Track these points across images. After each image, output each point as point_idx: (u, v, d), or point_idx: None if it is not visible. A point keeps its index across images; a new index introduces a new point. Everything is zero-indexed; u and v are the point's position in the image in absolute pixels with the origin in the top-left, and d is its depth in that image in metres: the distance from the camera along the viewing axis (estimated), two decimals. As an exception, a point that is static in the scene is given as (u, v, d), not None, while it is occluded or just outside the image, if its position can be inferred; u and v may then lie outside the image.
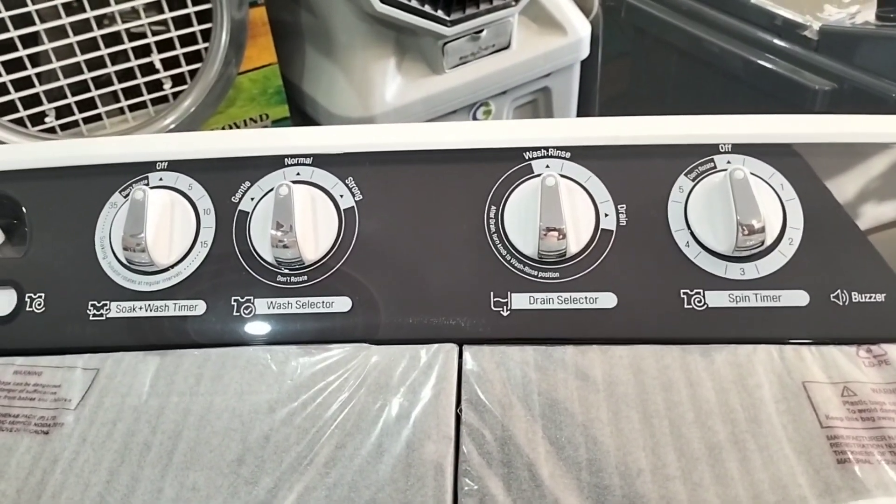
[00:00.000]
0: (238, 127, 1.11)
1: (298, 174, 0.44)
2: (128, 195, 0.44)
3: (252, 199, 0.44)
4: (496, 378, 0.39)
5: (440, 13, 1.04)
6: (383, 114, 1.11)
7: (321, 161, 0.45)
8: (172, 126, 0.94)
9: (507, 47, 1.16)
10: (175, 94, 0.94)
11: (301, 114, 1.21)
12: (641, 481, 0.35)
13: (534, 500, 0.34)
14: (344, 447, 0.37)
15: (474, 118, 1.20)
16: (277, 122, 1.16)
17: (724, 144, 0.43)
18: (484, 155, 0.45)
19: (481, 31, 1.11)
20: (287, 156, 0.45)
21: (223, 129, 1.08)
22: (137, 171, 0.46)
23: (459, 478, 0.36)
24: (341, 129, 0.46)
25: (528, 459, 0.36)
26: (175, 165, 0.46)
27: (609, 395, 0.38)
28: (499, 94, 1.20)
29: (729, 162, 0.43)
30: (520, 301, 0.42)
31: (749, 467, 0.35)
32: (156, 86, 0.91)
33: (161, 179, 0.45)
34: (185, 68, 0.92)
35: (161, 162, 0.46)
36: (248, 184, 0.45)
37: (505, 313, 0.42)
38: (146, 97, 0.90)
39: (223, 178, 0.45)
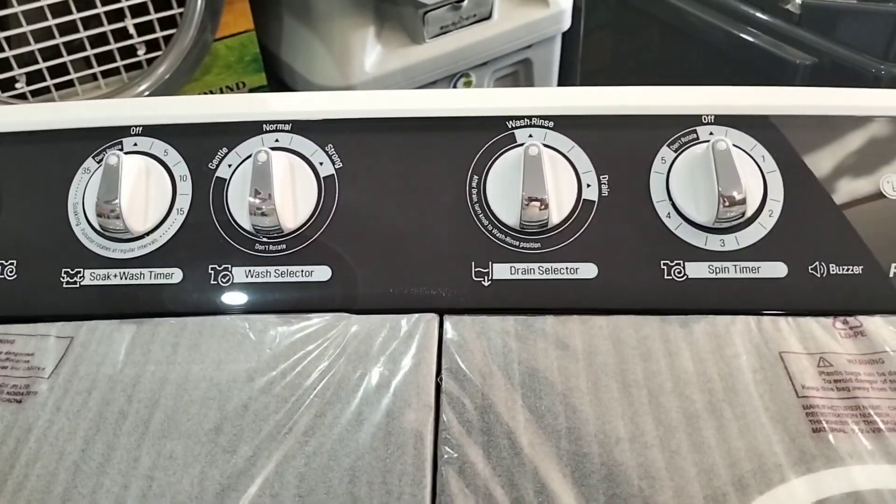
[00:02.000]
0: (214, 94, 1.09)
1: (277, 141, 0.44)
2: (101, 160, 0.43)
3: (229, 165, 0.43)
4: (476, 347, 0.39)
5: (421, -19, 1.02)
6: (362, 83, 1.09)
7: (300, 127, 0.44)
8: (146, 93, 0.92)
9: (488, 17, 1.15)
10: (149, 61, 0.92)
11: (279, 82, 1.19)
12: (620, 449, 0.35)
13: (513, 467, 0.34)
14: (323, 416, 0.37)
15: (454, 88, 1.19)
16: (254, 90, 1.15)
17: (707, 116, 0.43)
18: (467, 123, 0.44)
19: (462, 0, 1.09)
20: (266, 122, 0.44)
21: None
22: (111, 135, 0.45)
23: (439, 446, 0.36)
24: (321, 95, 0.45)
25: (508, 428, 0.36)
26: (150, 130, 0.45)
27: (588, 364, 0.39)
28: (480, 65, 1.19)
29: (711, 133, 0.43)
30: (501, 271, 0.42)
31: (725, 435, 0.35)
32: (129, 52, 0.89)
33: (136, 145, 0.44)
34: (159, 34, 0.90)
35: (136, 127, 0.45)
36: (225, 150, 0.44)
37: (486, 283, 0.42)
38: (119, 63, 0.88)
39: (200, 143, 0.44)
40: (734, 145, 0.42)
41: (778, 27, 0.83)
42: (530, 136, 0.43)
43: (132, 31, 0.87)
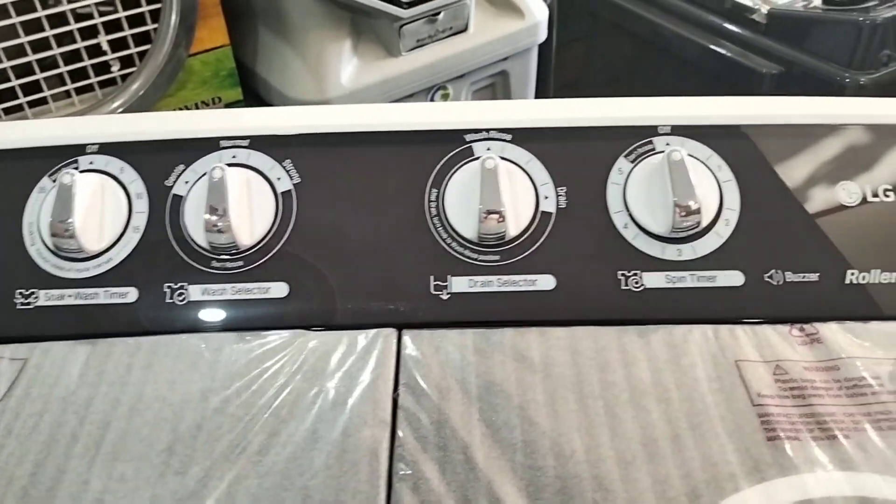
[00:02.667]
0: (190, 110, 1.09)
1: (234, 157, 0.43)
2: (57, 180, 0.43)
3: (186, 182, 0.43)
4: (434, 362, 0.39)
5: (396, -5, 1.02)
6: (339, 97, 1.09)
7: (258, 143, 0.44)
8: (120, 109, 0.92)
9: (464, 30, 1.16)
10: (123, 77, 0.92)
11: (255, 97, 1.19)
12: (575, 462, 0.35)
13: (468, 482, 0.34)
14: (277, 435, 0.36)
15: (432, 101, 1.19)
16: (231, 105, 1.14)
17: (664, 126, 0.44)
18: (425, 137, 0.44)
19: (438, 13, 1.10)
20: (223, 138, 0.44)
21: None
22: (67, 154, 0.44)
23: (394, 462, 0.35)
24: (279, 110, 0.45)
25: (464, 442, 0.36)
26: (106, 148, 0.44)
27: (546, 376, 0.38)
28: (457, 77, 1.19)
29: (668, 144, 0.43)
30: (460, 284, 0.42)
31: (681, 446, 0.35)
32: (103, 68, 0.88)
33: (91, 163, 0.44)
34: (133, 50, 0.90)
35: (92, 145, 0.44)
36: (182, 167, 0.43)
37: (445, 297, 0.41)
38: (93, 80, 0.87)
39: (156, 161, 0.44)
40: (690, 155, 0.42)
41: (745, 37, 0.84)
42: (488, 149, 0.43)
43: (106, 47, 0.87)
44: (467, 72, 1.19)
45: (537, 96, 1.24)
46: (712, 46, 0.88)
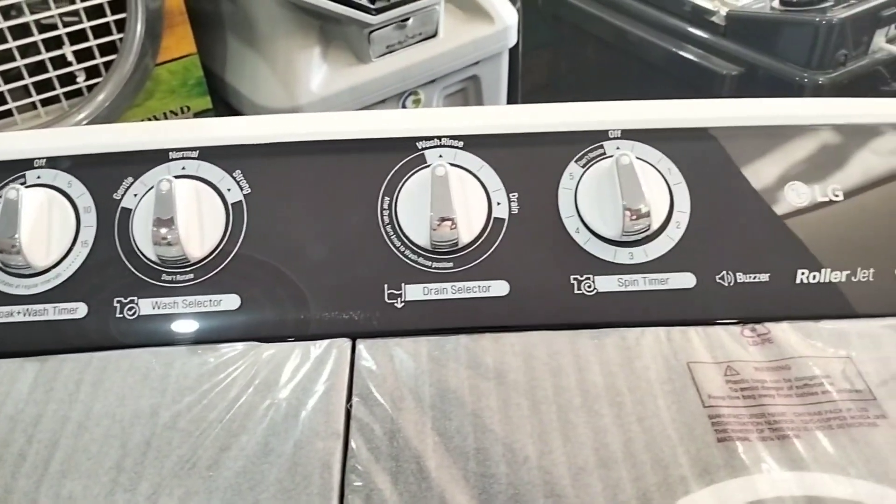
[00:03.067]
0: (158, 120, 1.08)
1: (184, 168, 0.43)
2: (2, 196, 0.42)
3: (135, 195, 0.43)
4: (388, 371, 0.39)
5: (364, 1, 1.02)
6: (309, 104, 1.09)
7: (208, 154, 0.43)
8: (87, 121, 0.91)
9: (434, 35, 1.16)
10: (90, 88, 0.91)
11: (225, 105, 1.18)
12: (527, 468, 0.35)
13: (420, 493, 0.34)
14: (228, 449, 0.36)
15: (403, 107, 1.19)
16: (200, 114, 1.13)
17: (614, 130, 0.44)
18: (377, 145, 0.44)
19: (407, 19, 1.10)
20: (172, 149, 0.43)
21: (142, 122, 1.05)
22: (15, 169, 0.44)
23: (347, 474, 0.35)
24: (229, 120, 0.45)
25: (416, 452, 0.36)
26: (54, 162, 0.44)
27: (499, 382, 0.38)
28: (428, 82, 1.19)
29: (618, 148, 0.43)
30: (414, 292, 0.41)
31: (632, 449, 0.35)
32: (69, 79, 0.87)
33: (39, 177, 0.43)
34: (99, 60, 0.89)
35: (39, 159, 0.44)
36: (130, 180, 0.43)
37: (399, 305, 0.41)
38: (59, 91, 0.86)
39: (105, 174, 0.43)
40: (640, 159, 0.42)
41: (706, 40, 0.85)
42: (440, 156, 0.43)
43: (71, 58, 0.86)
44: (438, 77, 1.19)
45: (510, 101, 1.24)
46: (675, 50, 0.89)
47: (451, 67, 1.18)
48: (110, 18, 0.86)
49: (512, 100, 1.24)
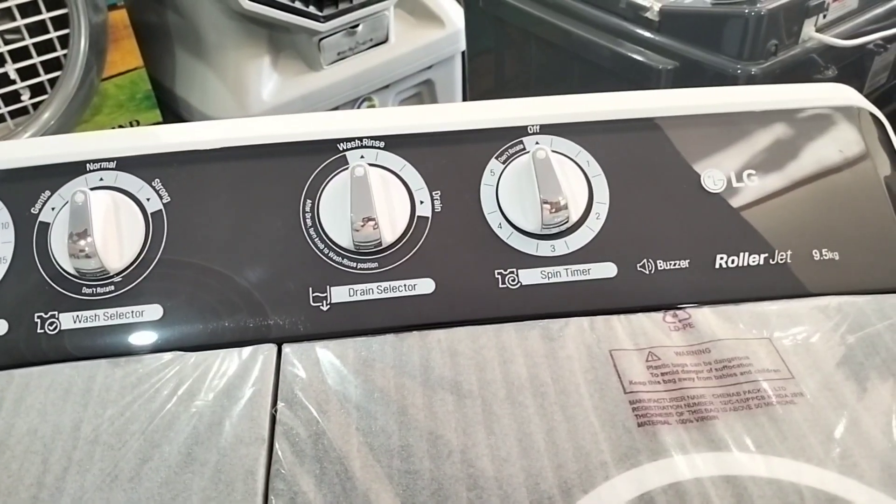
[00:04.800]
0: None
1: (102, 179, 0.43)
2: (-86, 214, 0.41)
3: (53, 208, 0.42)
4: (314, 375, 0.39)
5: (312, 9, 1.02)
6: (261, 113, 1.08)
7: (125, 164, 0.43)
8: (32, 139, 0.89)
9: (385, 41, 1.16)
10: (35, 105, 0.89)
11: (176, 117, 1.17)
12: (451, 462, 0.35)
13: (344, 493, 0.34)
14: (150, 460, 0.36)
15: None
16: (148, 127, 1.11)
17: (533, 126, 0.44)
18: (298, 148, 0.44)
19: (357, 25, 1.10)
20: (89, 161, 0.43)
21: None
22: (-72, 187, 0.43)
23: (271, 479, 0.35)
24: (146, 130, 0.44)
25: (341, 453, 0.36)
26: (-32, 179, 0.43)
27: (425, 379, 0.39)
28: (382, 88, 1.19)
29: (537, 143, 0.44)
30: (339, 294, 0.41)
31: (555, 438, 0.36)
32: (13, 97, 0.86)
33: (-47, 195, 0.43)
34: (44, 77, 0.88)
35: (-47, 176, 0.43)
36: (48, 193, 0.42)
37: (325, 308, 0.41)
38: (4, 110, 0.85)
39: (21, 188, 0.43)
40: (559, 152, 0.43)
41: (641, 36, 0.86)
42: (362, 157, 0.44)
43: (14, 76, 0.84)
44: (392, 82, 1.19)
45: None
46: (614, 47, 0.90)
47: (405, 72, 1.19)
48: (53, 35, 0.85)
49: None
